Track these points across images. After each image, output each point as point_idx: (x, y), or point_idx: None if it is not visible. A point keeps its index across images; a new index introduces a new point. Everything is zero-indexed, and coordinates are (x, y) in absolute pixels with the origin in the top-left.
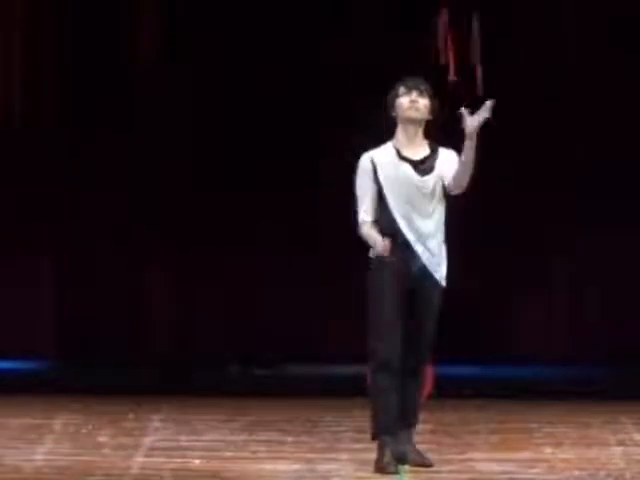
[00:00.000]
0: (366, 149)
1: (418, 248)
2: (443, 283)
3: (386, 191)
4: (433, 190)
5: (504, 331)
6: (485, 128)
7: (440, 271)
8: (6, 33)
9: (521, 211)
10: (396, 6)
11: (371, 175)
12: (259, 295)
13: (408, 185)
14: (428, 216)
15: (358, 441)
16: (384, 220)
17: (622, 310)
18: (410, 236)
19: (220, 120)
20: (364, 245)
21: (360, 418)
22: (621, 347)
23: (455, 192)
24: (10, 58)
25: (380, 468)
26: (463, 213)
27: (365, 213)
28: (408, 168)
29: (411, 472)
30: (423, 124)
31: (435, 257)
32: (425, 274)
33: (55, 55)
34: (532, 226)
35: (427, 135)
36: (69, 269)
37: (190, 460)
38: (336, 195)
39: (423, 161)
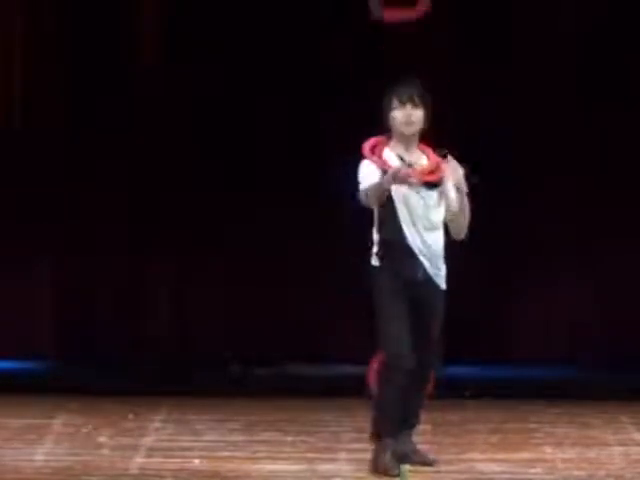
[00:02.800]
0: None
1: (422, 258)
2: (444, 286)
3: (394, 197)
4: (438, 202)
5: (504, 331)
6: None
7: (441, 275)
8: (6, 33)
9: (520, 211)
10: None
11: (380, 174)
12: (259, 295)
13: (414, 194)
14: (433, 228)
15: (358, 441)
16: (389, 227)
17: (622, 310)
18: (415, 246)
19: (220, 120)
20: (367, 246)
21: (360, 418)
22: (621, 347)
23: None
24: (10, 58)
25: (383, 469)
26: None
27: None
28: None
29: (411, 472)
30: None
31: (436, 264)
32: (428, 281)
33: (55, 55)
34: (532, 226)
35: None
36: (69, 269)
37: (190, 460)
38: (336, 195)
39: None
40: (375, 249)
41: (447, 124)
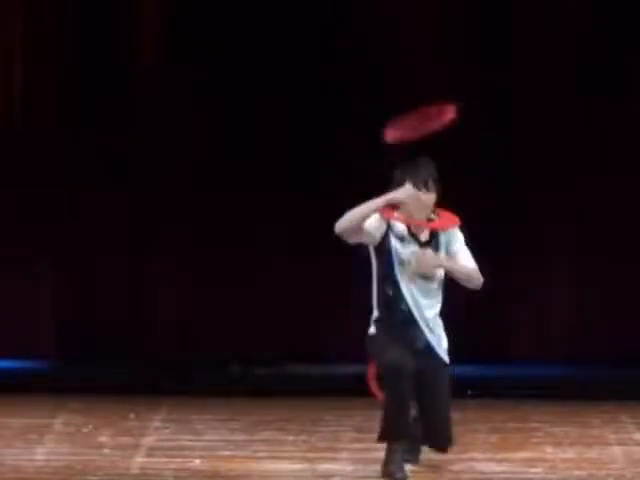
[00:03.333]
0: (364, 150)
1: (421, 322)
2: (447, 359)
3: (395, 259)
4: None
5: (504, 331)
6: None
7: (442, 347)
8: (6, 33)
9: (520, 211)
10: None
11: (383, 226)
12: (259, 295)
13: (411, 255)
14: (430, 294)
15: (358, 440)
16: (387, 286)
17: (622, 310)
18: (412, 306)
19: (220, 120)
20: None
21: (360, 417)
22: (621, 347)
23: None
24: (10, 58)
25: (388, 474)
26: (463, 213)
27: None
28: (416, 248)
29: (412, 472)
30: None
31: (435, 334)
32: (429, 351)
33: (55, 55)
34: (532, 226)
35: None
36: (69, 269)
37: (190, 460)
38: (336, 195)
39: (429, 242)
40: (375, 314)
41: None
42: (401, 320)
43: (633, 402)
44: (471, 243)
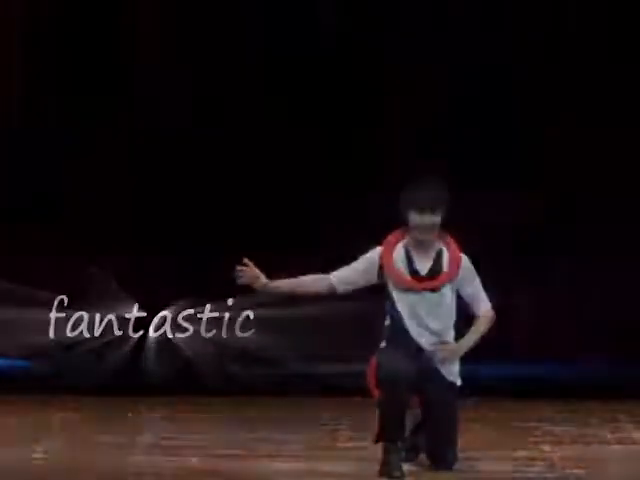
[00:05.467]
0: (365, 151)
1: (428, 347)
2: (458, 382)
3: (393, 293)
4: (443, 299)
5: (504, 331)
6: None
7: (453, 371)
8: (6, 33)
9: (521, 210)
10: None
11: (373, 270)
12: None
13: (417, 297)
14: (438, 316)
15: (357, 440)
16: (395, 322)
17: (622, 310)
18: (420, 337)
19: (220, 120)
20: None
21: (359, 417)
22: (621, 347)
23: None
24: (10, 58)
25: (385, 472)
26: (462, 212)
27: (334, 273)
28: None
29: (411, 472)
30: None
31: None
32: (437, 373)
33: (55, 55)
34: (532, 225)
35: None
36: (69, 269)
37: (189, 458)
38: (336, 195)
39: (433, 273)
40: (386, 334)
41: (445, 122)
42: (408, 345)
43: (631, 401)
44: (470, 243)
